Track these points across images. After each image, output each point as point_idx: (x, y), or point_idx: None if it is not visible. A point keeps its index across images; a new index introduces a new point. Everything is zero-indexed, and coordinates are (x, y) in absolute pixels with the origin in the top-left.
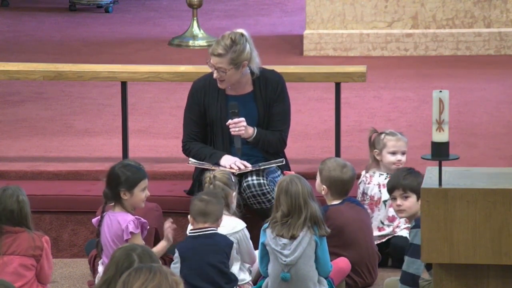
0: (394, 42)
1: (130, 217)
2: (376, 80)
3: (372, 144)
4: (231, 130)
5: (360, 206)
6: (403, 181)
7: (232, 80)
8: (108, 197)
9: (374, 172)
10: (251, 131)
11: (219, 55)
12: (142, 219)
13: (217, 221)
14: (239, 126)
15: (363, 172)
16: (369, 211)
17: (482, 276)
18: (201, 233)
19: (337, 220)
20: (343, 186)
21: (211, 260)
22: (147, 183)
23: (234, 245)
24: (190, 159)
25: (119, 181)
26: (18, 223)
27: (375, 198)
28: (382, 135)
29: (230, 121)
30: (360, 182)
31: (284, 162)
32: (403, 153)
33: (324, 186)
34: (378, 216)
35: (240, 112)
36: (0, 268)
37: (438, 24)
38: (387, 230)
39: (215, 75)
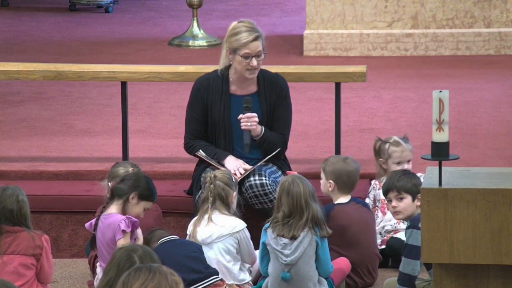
0: (394, 42)
1: (120, 217)
2: (376, 80)
3: (377, 153)
4: (242, 124)
5: (366, 207)
6: (397, 183)
7: (260, 66)
8: (119, 193)
9: (383, 179)
10: (259, 129)
11: (257, 37)
12: (133, 218)
13: None
14: (251, 120)
15: (373, 181)
16: (380, 214)
17: (482, 276)
18: (170, 239)
19: (341, 220)
20: (349, 178)
21: (184, 252)
22: (150, 206)
23: (234, 244)
24: (200, 151)
25: (140, 184)
26: (17, 222)
27: (386, 201)
28: (387, 145)
29: (241, 115)
30: (370, 191)
31: (281, 148)
32: (408, 161)
33: (331, 181)
34: (388, 216)
35: (244, 112)
36: (0, 267)
37: (438, 24)
38: (391, 223)
39: (255, 63)
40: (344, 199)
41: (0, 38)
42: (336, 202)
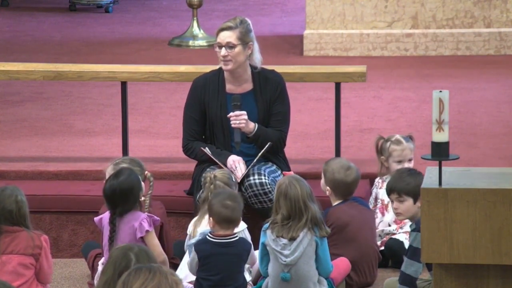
0: (394, 42)
1: (142, 215)
2: (376, 80)
3: (379, 151)
4: (231, 122)
5: (363, 205)
6: (398, 185)
7: (239, 60)
8: (115, 213)
9: (386, 178)
10: (251, 126)
11: (229, 27)
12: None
13: (238, 224)
14: (239, 119)
15: (376, 179)
16: (379, 214)
17: (482, 276)
18: (223, 241)
19: (339, 219)
20: (347, 188)
21: (228, 270)
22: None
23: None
24: (206, 148)
25: (115, 197)
26: (17, 222)
27: (386, 202)
28: (388, 143)
29: (231, 113)
30: (373, 188)
31: (273, 143)
32: (409, 160)
33: (328, 188)
34: (386, 218)
35: (234, 110)
36: None
37: (438, 24)
38: (390, 229)
39: (223, 52)
40: (340, 202)
41: (0, 38)
42: (333, 205)
